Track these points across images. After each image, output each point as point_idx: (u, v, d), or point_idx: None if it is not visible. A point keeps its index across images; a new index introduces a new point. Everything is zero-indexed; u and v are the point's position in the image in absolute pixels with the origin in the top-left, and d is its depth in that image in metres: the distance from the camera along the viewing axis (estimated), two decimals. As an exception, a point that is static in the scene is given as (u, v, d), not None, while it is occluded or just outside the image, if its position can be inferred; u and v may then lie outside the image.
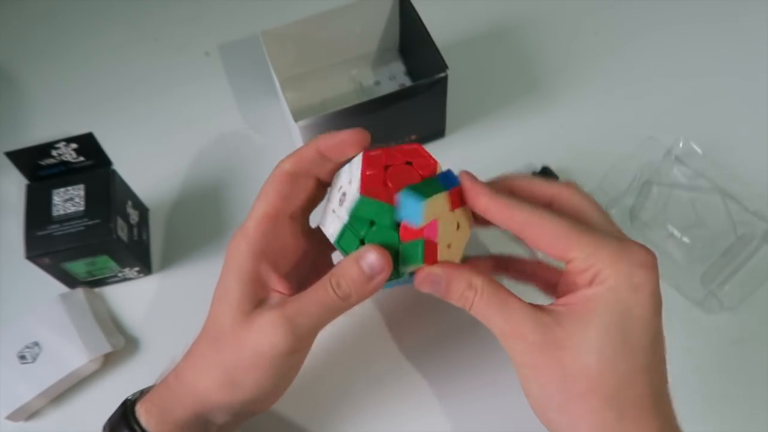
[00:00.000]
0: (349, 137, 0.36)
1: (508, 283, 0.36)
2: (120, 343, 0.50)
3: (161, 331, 0.52)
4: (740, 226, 0.52)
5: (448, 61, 0.52)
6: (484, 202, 0.34)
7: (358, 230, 0.34)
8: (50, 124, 0.63)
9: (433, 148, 0.60)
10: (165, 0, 0.70)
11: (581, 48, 0.64)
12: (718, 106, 0.59)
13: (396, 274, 0.34)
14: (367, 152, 0.35)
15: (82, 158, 0.49)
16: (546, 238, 0.32)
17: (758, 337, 0.49)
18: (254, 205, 0.36)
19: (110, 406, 0.42)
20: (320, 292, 0.34)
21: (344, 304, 0.34)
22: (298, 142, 0.55)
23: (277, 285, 0.36)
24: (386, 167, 0.34)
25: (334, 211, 0.36)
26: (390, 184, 0.33)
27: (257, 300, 0.35)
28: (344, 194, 0.35)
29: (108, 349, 0.49)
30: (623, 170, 0.55)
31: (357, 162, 0.35)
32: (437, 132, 0.59)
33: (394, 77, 0.62)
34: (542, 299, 0.35)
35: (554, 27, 0.66)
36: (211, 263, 0.54)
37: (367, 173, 0.33)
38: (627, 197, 0.53)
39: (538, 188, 0.36)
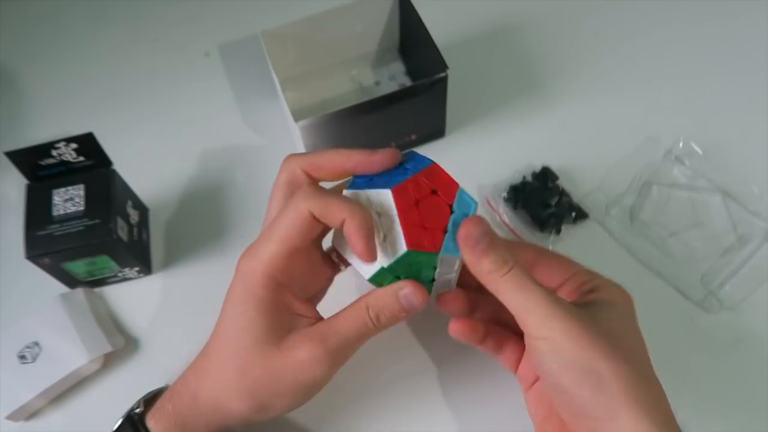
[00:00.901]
0: (359, 252, 0.34)
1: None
2: (120, 343, 0.50)
3: (161, 331, 0.52)
4: (740, 226, 0.52)
5: (448, 61, 0.52)
6: (497, 288, 0.35)
7: (398, 272, 0.35)
8: (50, 124, 0.63)
9: (433, 148, 0.60)
10: (165, 0, 0.70)
11: (581, 48, 0.64)
12: (718, 106, 0.59)
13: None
14: (395, 189, 0.34)
15: (82, 158, 0.49)
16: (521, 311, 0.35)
17: (758, 337, 0.49)
18: (270, 236, 0.35)
19: (110, 406, 0.42)
20: (359, 324, 0.35)
21: (377, 332, 0.36)
22: (298, 142, 0.55)
23: (301, 310, 0.37)
24: (417, 202, 0.35)
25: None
26: (427, 226, 0.34)
27: (284, 329, 0.36)
28: (384, 237, 0.34)
29: (108, 349, 0.49)
30: (623, 170, 0.55)
31: (387, 198, 0.34)
32: (437, 132, 0.59)
33: (394, 77, 0.62)
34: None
35: (554, 27, 0.66)
36: (211, 263, 0.54)
37: (407, 224, 0.34)
38: (627, 197, 0.53)
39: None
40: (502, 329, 0.41)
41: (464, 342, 0.40)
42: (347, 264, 0.40)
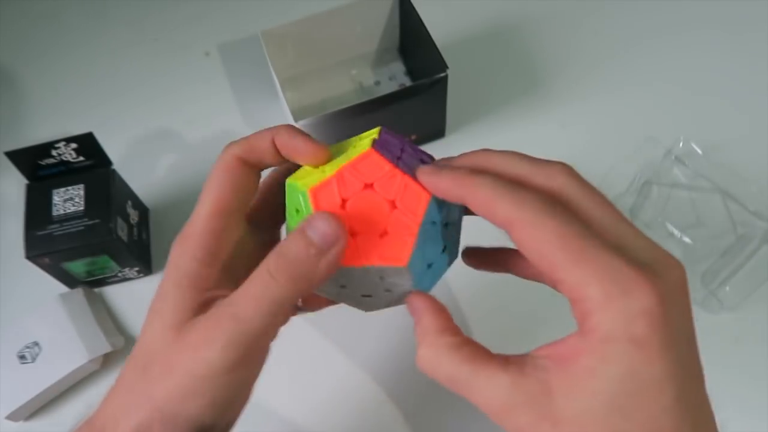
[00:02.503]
0: (306, 150, 0.29)
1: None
2: (120, 343, 0.50)
3: (161, 331, 0.52)
4: (740, 226, 0.52)
5: (448, 61, 0.51)
6: (437, 182, 0.26)
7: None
8: (50, 124, 0.63)
9: (433, 148, 0.60)
10: (165, 0, 0.70)
11: (581, 48, 0.64)
12: (718, 106, 0.59)
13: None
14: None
15: (82, 158, 0.49)
16: (528, 249, 0.24)
17: (758, 337, 0.49)
18: (201, 198, 0.29)
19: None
20: (257, 285, 0.26)
21: (290, 292, 0.26)
22: (298, 142, 0.55)
23: (226, 290, 0.28)
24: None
25: None
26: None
27: (194, 311, 0.27)
28: None
29: (108, 349, 0.49)
30: (623, 170, 0.55)
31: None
32: (437, 132, 0.59)
33: (394, 77, 0.62)
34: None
35: (554, 27, 0.66)
36: (211, 263, 0.54)
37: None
38: (627, 197, 0.53)
39: (516, 178, 0.26)
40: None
41: (487, 270, 0.32)
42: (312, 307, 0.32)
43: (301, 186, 0.27)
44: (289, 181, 0.29)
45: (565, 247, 0.23)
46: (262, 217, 0.32)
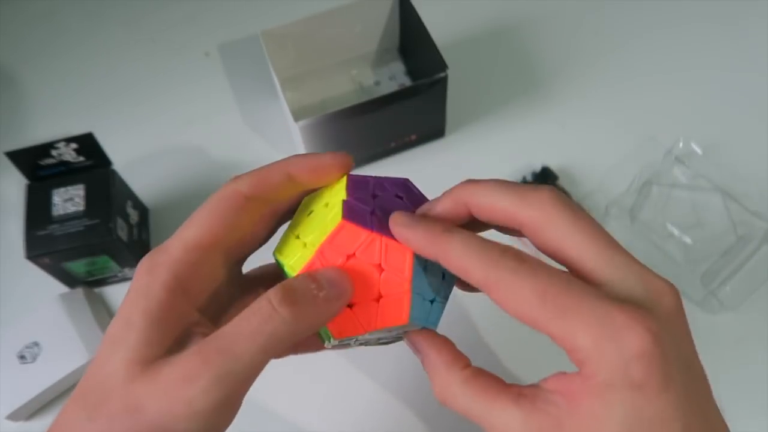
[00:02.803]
0: (331, 161, 0.27)
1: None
2: (120, 343, 0.50)
3: (161, 331, 0.52)
4: (740, 226, 0.52)
5: (448, 61, 0.51)
6: (411, 240, 0.25)
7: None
8: (50, 124, 0.63)
9: (433, 148, 0.60)
10: (164, 0, 0.70)
11: (581, 48, 0.64)
12: (718, 106, 0.59)
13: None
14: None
15: (82, 158, 0.49)
16: (510, 305, 0.23)
17: (758, 337, 0.49)
18: (185, 224, 0.27)
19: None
20: (255, 318, 0.24)
21: (292, 327, 0.24)
22: (298, 142, 0.55)
23: (201, 328, 0.26)
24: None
25: None
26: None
27: (166, 349, 0.24)
28: None
29: (108, 349, 0.49)
30: (623, 170, 0.55)
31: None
32: (437, 132, 0.59)
33: (394, 77, 0.62)
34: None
35: (554, 27, 0.66)
36: (211, 263, 0.54)
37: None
38: (627, 197, 0.53)
39: (502, 212, 0.25)
40: None
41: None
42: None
43: (288, 267, 0.27)
44: (275, 254, 0.28)
45: (546, 305, 0.22)
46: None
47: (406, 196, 0.28)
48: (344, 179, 0.27)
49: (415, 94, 0.53)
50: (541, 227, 0.24)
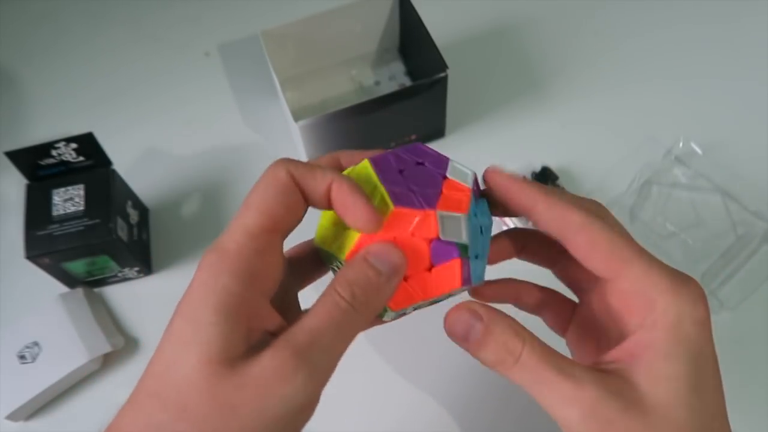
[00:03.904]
0: (362, 217, 0.27)
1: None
2: (120, 343, 0.50)
3: (161, 331, 0.51)
4: (740, 226, 0.52)
5: (448, 61, 0.51)
6: (510, 187, 0.28)
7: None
8: (50, 124, 0.63)
9: (432, 148, 0.60)
10: (165, 0, 0.70)
11: (581, 48, 0.64)
12: (718, 106, 0.59)
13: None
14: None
15: (82, 158, 0.49)
16: (594, 246, 0.26)
17: (758, 337, 0.49)
18: (243, 210, 0.26)
19: (110, 406, 0.41)
20: (330, 311, 0.25)
21: (362, 319, 0.25)
22: (298, 142, 0.55)
23: (275, 325, 0.25)
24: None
25: None
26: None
27: (246, 342, 0.24)
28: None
29: (108, 349, 0.49)
30: (623, 170, 0.55)
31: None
32: (437, 132, 0.59)
33: (394, 77, 0.62)
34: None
35: (554, 27, 0.66)
36: (211, 263, 0.54)
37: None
38: (627, 197, 0.53)
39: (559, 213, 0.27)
40: (541, 291, 0.33)
41: (496, 300, 0.33)
42: None
43: (336, 251, 0.27)
44: (320, 245, 0.29)
45: (632, 245, 0.26)
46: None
47: (426, 160, 0.29)
48: (367, 164, 0.28)
49: (415, 94, 0.53)
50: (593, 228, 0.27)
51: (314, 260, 0.31)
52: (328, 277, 0.31)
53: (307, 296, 0.29)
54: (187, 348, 0.23)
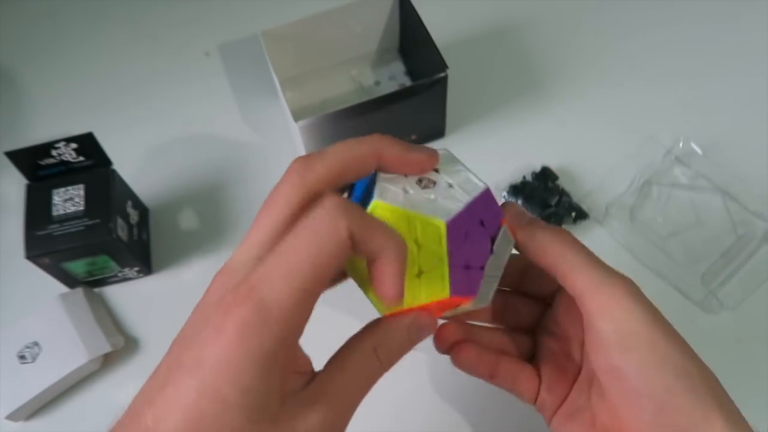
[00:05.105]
0: (426, 159, 0.29)
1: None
2: (120, 343, 0.50)
3: (161, 331, 0.51)
4: (740, 226, 0.52)
5: (448, 61, 0.51)
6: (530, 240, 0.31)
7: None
8: (50, 124, 0.63)
9: (432, 148, 0.60)
10: (165, 0, 0.70)
11: (581, 48, 0.64)
12: (718, 106, 0.59)
13: None
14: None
15: (82, 158, 0.49)
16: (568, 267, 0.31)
17: (758, 337, 0.49)
18: (290, 258, 0.23)
19: (110, 406, 0.42)
20: (368, 371, 0.27)
21: (384, 372, 0.28)
22: (298, 142, 0.55)
23: (303, 364, 0.26)
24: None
25: None
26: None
27: (281, 394, 0.24)
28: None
29: (108, 349, 0.49)
30: (623, 170, 0.55)
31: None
32: (437, 132, 0.59)
33: (394, 77, 0.62)
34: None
35: (554, 27, 0.66)
36: (211, 263, 0.54)
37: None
38: (627, 197, 0.53)
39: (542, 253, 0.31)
40: (511, 358, 0.36)
41: (473, 375, 0.35)
42: None
43: (375, 302, 0.28)
44: (351, 275, 0.28)
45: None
46: None
47: (485, 218, 0.29)
48: (443, 230, 0.27)
49: (415, 94, 0.53)
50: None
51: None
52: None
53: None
54: (232, 409, 0.23)
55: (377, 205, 0.26)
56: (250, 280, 0.23)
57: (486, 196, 0.29)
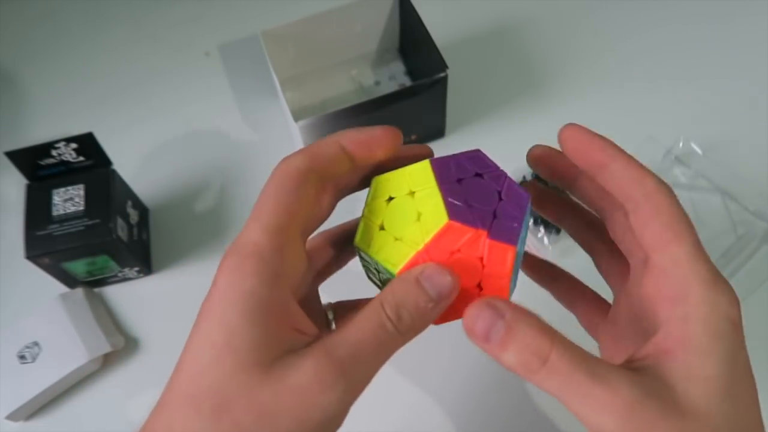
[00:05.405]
0: (382, 135, 0.28)
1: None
2: (120, 343, 0.50)
3: (161, 331, 0.52)
4: (740, 226, 0.52)
5: (448, 61, 0.51)
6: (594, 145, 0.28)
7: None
8: (50, 124, 0.63)
9: (433, 148, 0.60)
10: (165, 0, 0.70)
11: (581, 48, 0.64)
12: (718, 106, 0.59)
13: None
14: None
15: (82, 158, 0.49)
16: (657, 213, 0.25)
17: (758, 337, 0.49)
18: (258, 211, 0.25)
19: (110, 406, 0.42)
20: (374, 327, 0.24)
21: (403, 340, 0.25)
22: (298, 142, 0.55)
23: (301, 321, 0.25)
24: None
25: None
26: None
27: (278, 346, 0.24)
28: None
29: (108, 349, 0.49)
30: (623, 170, 0.55)
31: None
32: (437, 132, 0.59)
33: (394, 77, 0.62)
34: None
35: (554, 27, 0.66)
36: (211, 263, 0.54)
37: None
38: (627, 197, 0.53)
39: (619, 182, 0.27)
40: (577, 282, 0.33)
41: (532, 278, 0.34)
42: None
43: (384, 262, 0.26)
44: (361, 246, 0.27)
45: (689, 223, 0.26)
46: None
47: (485, 172, 0.28)
48: (427, 164, 0.27)
49: (415, 94, 0.53)
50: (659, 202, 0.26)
51: (332, 254, 0.31)
52: (348, 269, 0.31)
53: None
54: (221, 353, 0.23)
55: (376, 180, 0.28)
56: (235, 240, 0.25)
57: (475, 154, 0.29)
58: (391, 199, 0.27)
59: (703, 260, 0.25)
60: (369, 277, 0.30)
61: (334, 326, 0.31)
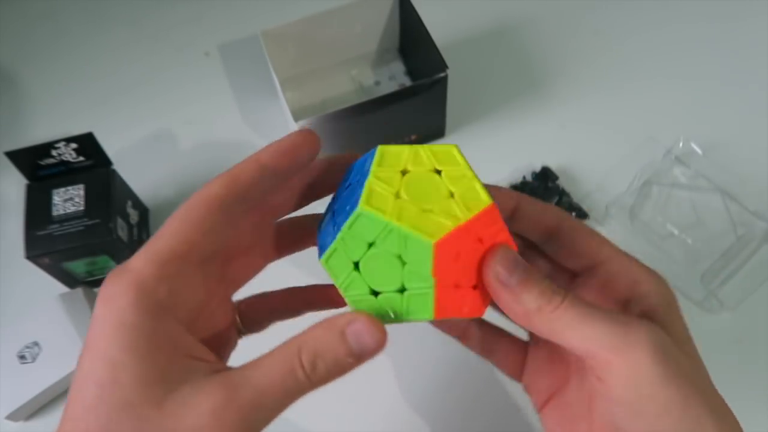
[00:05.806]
0: (299, 138, 0.27)
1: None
2: (120, 343, 0.50)
3: (161, 331, 0.51)
4: (740, 226, 0.52)
5: (448, 61, 0.51)
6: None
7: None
8: (50, 124, 0.63)
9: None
10: (165, 0, 0.70)
11: (581, 48, 0.64)
12: (718, 106, 0.59)
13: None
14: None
15: (82, 158, 0.49)
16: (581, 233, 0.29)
17: (758, 337, 0.49)
18: (154, 238, 0.24)
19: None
20: (284, 372, 0.23)
21: (312, 389, 0.24)
22: (298, 142, 0.55)
23: (198, 350, 0.24)
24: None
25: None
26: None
27: (169, 378, 0.22)
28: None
29: (108, 349, 0.49)
30: (623, 170, 0.55)
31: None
32: (437, 132, 0.59)
33: (394, 77, 0.62)
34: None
35: (554, 27, 0.66)
36: (211, 263, 0.54)
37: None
38: (627, 197, 0.53)
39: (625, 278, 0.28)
40: (491, 328, 0.32)
41: (448, 333, 0.33)
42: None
43: (413, 229, 0.24)
44: (367, 210, 0.24)
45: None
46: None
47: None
48: (455, 148, 0.27)
49: (415, 94, 0.53)
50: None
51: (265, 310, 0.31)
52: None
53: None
54: (106, 391, 0.22)
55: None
56: (124, 262, 0.24)
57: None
58: (406, 172, 0.26)
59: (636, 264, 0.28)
60: (322, 259, 0.26)
61: (242, 335, 0.30)
